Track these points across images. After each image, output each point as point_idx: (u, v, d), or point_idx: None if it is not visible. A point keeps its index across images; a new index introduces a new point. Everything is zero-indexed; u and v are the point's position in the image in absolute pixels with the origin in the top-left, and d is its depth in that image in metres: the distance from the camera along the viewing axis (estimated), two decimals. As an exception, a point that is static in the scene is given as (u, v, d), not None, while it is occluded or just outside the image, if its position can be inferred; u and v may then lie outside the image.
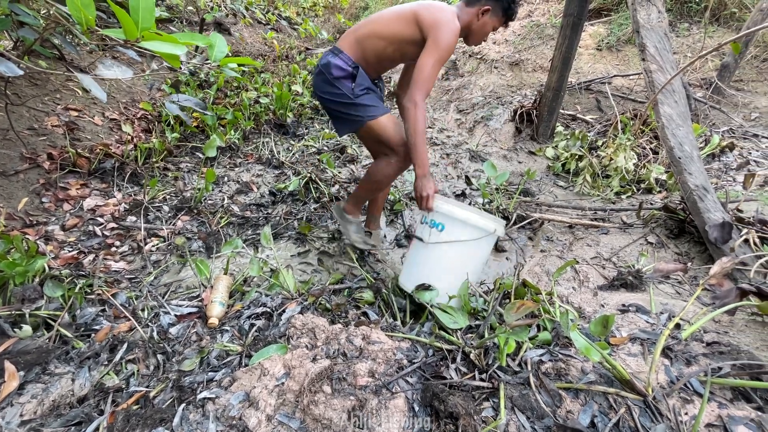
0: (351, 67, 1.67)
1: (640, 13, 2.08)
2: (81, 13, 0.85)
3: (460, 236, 1.42)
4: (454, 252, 1.46)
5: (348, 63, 1.67)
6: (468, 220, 1.41)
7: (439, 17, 1.51)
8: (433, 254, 1.50)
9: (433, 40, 1.49)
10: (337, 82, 1.67)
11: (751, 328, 1.24)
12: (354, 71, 1.67)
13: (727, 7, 4.03)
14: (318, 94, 1.76)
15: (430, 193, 1.52)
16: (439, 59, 1.49)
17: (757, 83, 3.68)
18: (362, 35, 1.66)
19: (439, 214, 1.47)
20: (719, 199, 1.86)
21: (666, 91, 1.93)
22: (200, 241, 2.17)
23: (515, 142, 3.32)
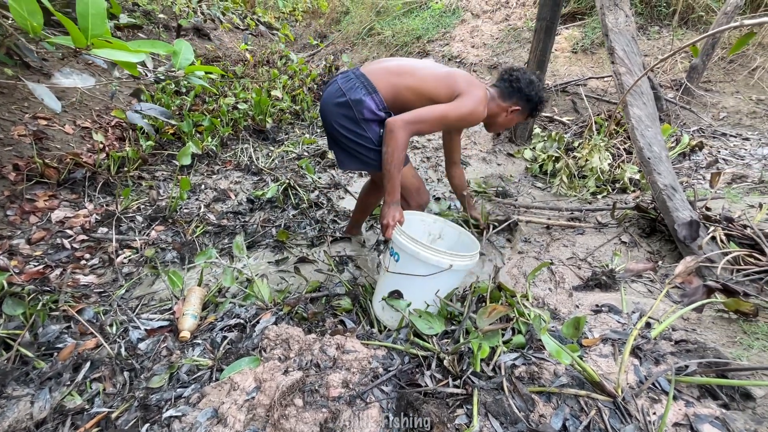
0: (383, 112, 1.56)
1: (608, 17, 2.12)
2: (27, 21, 0.81)
3: (412, 270, 1.38)
4: (407, 283, 1.42)
5: (380, 107, 1.55)
6: (417, 255, 1.34)
7: (474, 92, 1.52)
8: (389, 283, 1.48)
9: (456, 103, 1.49)
10: (365, 124, 1.56)
11: (718, 325, 1.26)
12: (386, 116, 1.57)
13: (695, 10, 4.16)
14: (333, 125, 1.60)
15: (391, 222, 1.48)
16: (447, 117, 1.48)
17: (724, 84, 3.81)
18: (403, 86, 1.55)
19: (395, 245, 1.44)
20: (688, 197, 1.91)
21: (635, 93, 1.97)
22: (175, 251, 2.12)
23: (494, 145, 3.35)
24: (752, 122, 3.46)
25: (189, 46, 1.28)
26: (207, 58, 5.44)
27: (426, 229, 1.76)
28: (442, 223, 1.73)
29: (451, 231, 1.71)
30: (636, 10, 4.31)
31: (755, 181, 2.42)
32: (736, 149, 3.12)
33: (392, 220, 1.49)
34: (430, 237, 1.77)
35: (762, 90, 3.74)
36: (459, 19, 4.95)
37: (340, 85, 1.56)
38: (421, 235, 1.74)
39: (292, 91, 4.46)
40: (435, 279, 1.38)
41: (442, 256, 1.34)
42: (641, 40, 4.21)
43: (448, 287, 1.45)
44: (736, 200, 2.10)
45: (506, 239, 2.22)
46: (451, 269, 1.35)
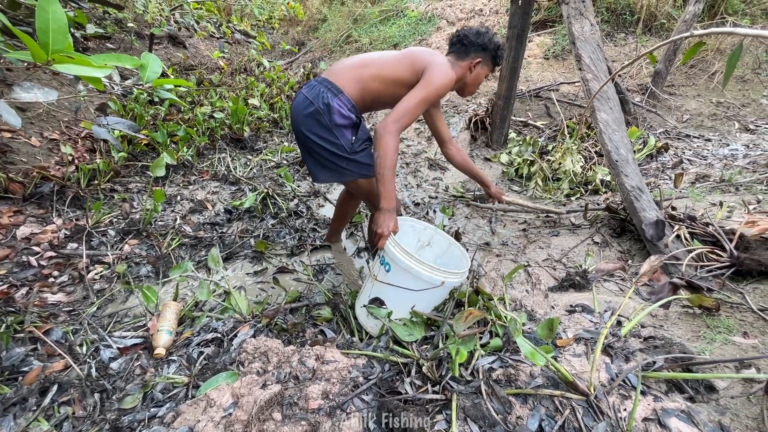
0: (354, 115, 1.55)
1: (574, 26, 2.20)
2: (-19, 37, 0.79)
3: (403, 282, 1.37)
4: (395, 294, 1.41)
5: (349, 106, 1.54)
6: (410, 270, 1.32)
7: (435, 60, 1.52)
8: (376, 292, 1.46)
9: (426, 79, 1.47)
10: (337, 130, 1.53)
11: (683, 320, 1.32)
12: (357, 120, 1.57)
13: (657, 18, 4.36)
14: (307, 135, 1.56)
15: (386, 231, 1.41)
16: (426, 97, 1.46)
17: (686, 88, 3.99)
18: (367, 76, 1.55)
19: (387, 255, 1.40)
20: (655, 197, 1.99)
21: (602, 98, 2.05)
22: (149, 265, 2.07)
23: (471, 150, 3.41)
24: (713, 124, 3.64)
25: (157, 58, 1.26)
26: (182, 66, 5.35)
27: (416, 236, 1.76)
28: (433, 231, 1.73)
29: (441, 240, 1.71)
30: (602, 18, 4.48)
31: (717, 180, 2.55)
32: (699, 150, 3.27)
33: (386, 230, 1.42)
34: (420, 243, 1.77)
35: (721, 93, 3.95)
36: (435, 27, 5.04)
37: (306, 95, 1.54)
38: (411, 241, 1.74)
39: (269, 99, 4.43)
40: (420, 296, 1.38)
41: (435, 273, 1.32)
42: (608, 46, 4.38)
43: (436, 301, 1.45)
44: (699, 199, 2.20)
45: (485, 243, 2.25)
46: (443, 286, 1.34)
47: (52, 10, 0.92)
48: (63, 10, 0.93)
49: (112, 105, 3.32)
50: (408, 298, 1.40)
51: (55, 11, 0.92)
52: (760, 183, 2.39)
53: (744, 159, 2.95)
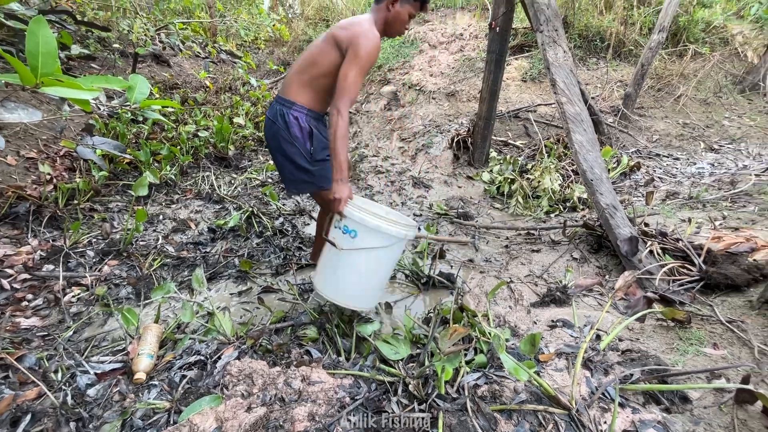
0: (309, 125, 1.63)
1: (548, 53, 2.33)
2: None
3: (371, 243, 1.43)
4: (365, 258, 1.47)
5: (307, 115, 1.63)
6: (379, 229, 1.40)
7: (355, 31, 1.54)
8: (346, 260, 1.50)
9: (353, 51, 1.52)
10: (297, 142, 1.63)
11: (658, 333, 1.37)
12: (312, 129, 1.64)
13: (625, 45, 4.64)
14: (273, 150, 1.70)
15: (344, 197, 1.48)
16: (360, 68, 1.51)
17: (655, 109, 4.22)
18: (310, 78, 1.62)
19: (352, 221, 1.46)
20: (628, 214, 2.08)
21: (576, 120, 2.16)
22: (130, 286, 2.02)
23: (454, 168, 3.50)
24: (681, 143, 3.84)
25: (144, 80, 1.28)
26: (166, 85, 5.35)
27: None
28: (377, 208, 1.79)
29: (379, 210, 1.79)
30: (575, 44, 4.73)
31: (685, 197, 2.68)
32: (669, 168, 3.45)
33: (342, 195, 1.48)
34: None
35: (687, 115, 4.19)
36: (417, 50, 5.21)
37: (269, 116, 1.67)
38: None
39: (255, 118, 4.45)
40: (390, 252, 1.47)
41: (399, 227, 1.42)
42: (581, 70, 4.61)
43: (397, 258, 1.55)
44: (670, 215, 2.31)
45: (469, 259, 2.29)
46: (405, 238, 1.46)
47: (42, 34, 0.93)
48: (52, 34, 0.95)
49: (95, 123, 3.28)
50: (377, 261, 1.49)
51: (45, 35, 0.94)
52: (725, 200, 2.53)
53: (710, 177, 3.12)
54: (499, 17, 2.79)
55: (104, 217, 2.55)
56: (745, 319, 1.35)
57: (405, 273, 2.10)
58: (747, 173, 2.96)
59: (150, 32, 3.89)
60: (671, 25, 4.39)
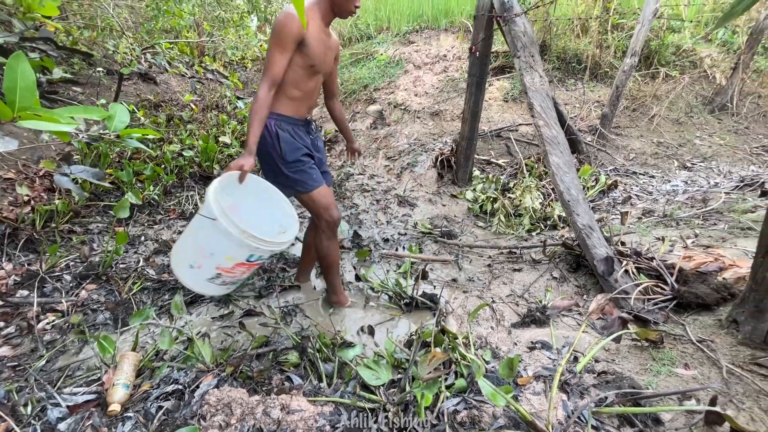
0: (276, 128, 1.65)
1: (526, 78, 2.42)
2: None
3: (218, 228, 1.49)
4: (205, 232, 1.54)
5: (273, 123, 1.65)
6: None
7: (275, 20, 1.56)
8: (193, 223, 1.62)
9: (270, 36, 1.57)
10: (268, 146, 1.66)
11: (633, 354, 1.40)
12: (278, 132, 1.65)
13: (601, 67, 4.84)
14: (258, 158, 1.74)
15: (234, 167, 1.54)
16: (272, 46, 1.53)
17: (631, 129, 4.39)
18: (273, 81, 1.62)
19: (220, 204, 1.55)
20: (606, 233, 2.14)
21: (553, 143, 2.23)
22: (107, 312, 1.98)
23: (439, 187, 3.56)
24: (656, 162, 3.99)
25: (125, 108, 1.29)
26: (152, 103, 5.34)
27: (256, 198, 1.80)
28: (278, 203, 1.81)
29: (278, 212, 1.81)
30: (554, 66, 4.91)
31: (660, 215, 2.77)
32: (645, 186, 3.56)
33: (235, 166, 1.54)
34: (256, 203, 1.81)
35: (660, 134, 4.36)
36: (402, 70, 5.33)
37: None
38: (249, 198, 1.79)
39: (241, 137, 4.46)
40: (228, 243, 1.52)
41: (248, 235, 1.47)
42: (561, 91, 4.78)
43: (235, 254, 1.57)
44: (645, 234, 2.38)
45: (452, 279, 2.31)
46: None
47: (21, 69, 0.94)
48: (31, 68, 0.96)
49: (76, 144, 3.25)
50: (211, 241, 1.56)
51: (24, 70, 0.95)
52: (697, 218, 2.62)
53: (683, 194, 3.24)
54: (479, 42, 2.90)
55: (83, 239, 2.51)
56: (714, 339, 1.39)
57: (388, 294, 2.11)
58: (717, 191, 3.08)
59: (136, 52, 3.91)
60: (643, 49, 4.61)
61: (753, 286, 1.31)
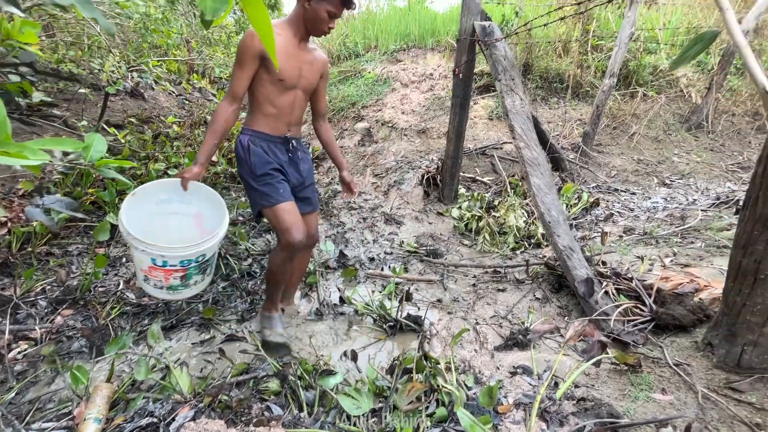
0: (249, 143, 1.67)
1: (507, 100, 2.48)
2: None
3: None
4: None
5: (246, 138, 1.67)
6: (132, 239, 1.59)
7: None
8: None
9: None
10: (241, 160, 1.70)
11: (612, 378, 1.41)
12: (250, 145, 1.66)
13: (582, 86, 4.98)
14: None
15: (185, 174, 1.64)
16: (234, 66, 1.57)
17: (612, 146, 4.50)
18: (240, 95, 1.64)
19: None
20: (587, 252, 2.17)
21: (533, 164, 2.27)
22: (83, 339, 1.92)
23: (425, 204, 3.58)
24: (636, 179, 4.09)
25: (102, 138, 1.28)
26: (139, 118, 5.31)
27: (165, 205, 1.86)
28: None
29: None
30: (537, 85, 5.05)
31: (641, 233, 2.83)
32: (627, 202, 3.64)
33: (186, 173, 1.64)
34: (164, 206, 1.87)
35: (640, 151, 4.48)
36: (390, 88, 5.41)
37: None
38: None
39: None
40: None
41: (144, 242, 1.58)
42: (544, 109, 4.89)
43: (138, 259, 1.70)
44: (625, 253, 2.43)
45: (437, 299, 2.31)
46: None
47: (-9, 104, 0.94)
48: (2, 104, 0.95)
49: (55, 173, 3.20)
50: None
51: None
52: (676, 236, 2.68)
53: (663, 212, 3.32)
54: (462, 65, 2.97)
55: (61, 262, 2.46)
56: (691, 362, 1.41)
57: (372, 317, 2.10)
58: (695, 209, 3.16)
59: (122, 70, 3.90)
60: (621, 69, 4.77)
61: (725, 310, 1.33)
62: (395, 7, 7.37)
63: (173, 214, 1.88)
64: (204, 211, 1.89)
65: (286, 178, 1.76)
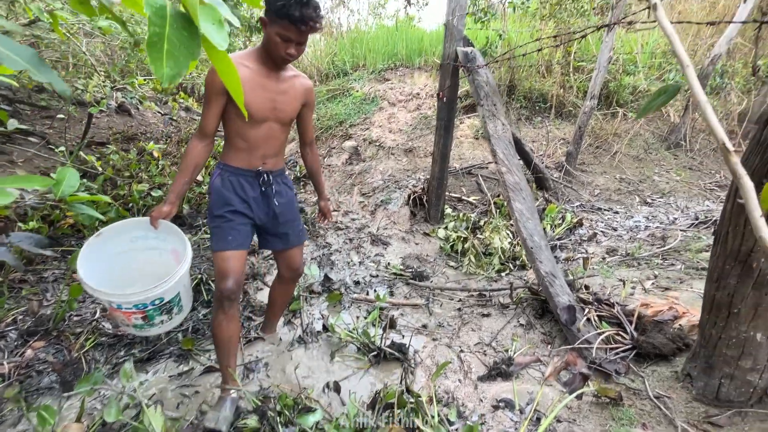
0: (217, 177, 1.61)
1: (489, 125, 2.52)
2: None
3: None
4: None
5: (215, 172, 1.62)
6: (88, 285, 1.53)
7: None
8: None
9: None
10: (209, 196, 1.67)
11: (593, 412, 1.41)
12: (218, 180, 1.60)
13: (565, 106, 5.10)
14: None
15: (154, 213, 1.59)
16: (203, 104, 1.53)
17: (594, 165, 4.59)
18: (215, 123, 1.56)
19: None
20: (570, 275, 2.18)
21: (515, 189, 2.30)
22: (55, 374, 1.85)
23: (412, 225, 3.58)
24: (619, 197, 4.16)
25: (75, 173, 1.26)
26: (124, 135, 5.25)
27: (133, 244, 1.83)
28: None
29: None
30: (521, 105, 5.15)
31: (623, 254, 2.87)
32: (610, 221, 3.70)
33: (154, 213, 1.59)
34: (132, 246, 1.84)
35: (622, 170, 4.58)
36: (377, 107, 5.47)
37: None
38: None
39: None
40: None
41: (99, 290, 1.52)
42: (528, 128, 4.99)
43: None
44: (608, 276, 2.45)
45: (422, 325, 2.29)
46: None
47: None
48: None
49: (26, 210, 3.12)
50: None
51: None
52: (657, 257, 2.72)
53: (645, 231, 3.37)
54: (446, 89, 3.02)
55: (35, 290, 2.38)
56: (671, 393, 1.41)
57: (356, 345, 2.06)
58: (675, 228, 3.22)
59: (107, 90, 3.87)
60: (602, 89, 4.90)
61: (702, 342, 1.35)
62: (383, 26, 7.51)
63: (153, 250, 1.85)
64: (179, 248, 1.84)
65: (251, 218, 1.65)
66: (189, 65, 0.56)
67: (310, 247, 3.35)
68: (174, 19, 0.57)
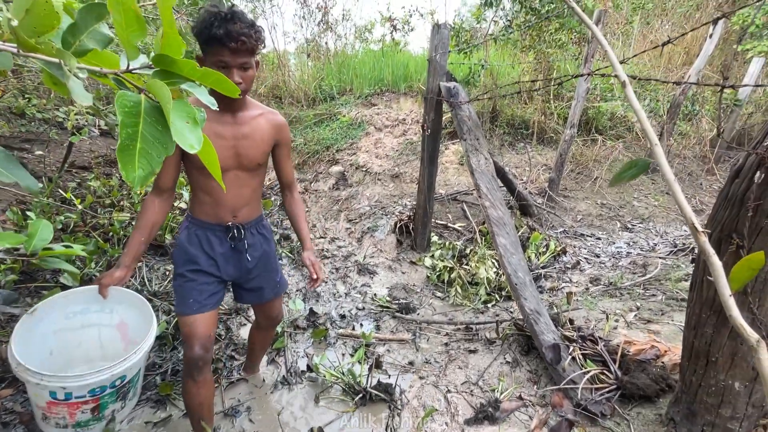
0: (184, 230, 1.48)
1: (472, 160, 2.56)
2: None
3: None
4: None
5: (182, 226, 1.49)
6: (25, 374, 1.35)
7: None
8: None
9: None
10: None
11: (580, 461, 1.39)
12: (184, 234, 1.47)
13: (547, 132, 5.25)
14: None
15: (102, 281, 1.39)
16: None
17: (576, 191, 4.71)
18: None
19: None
20: (555, 307, 2.19)
21: (499, 224, 2.33)
22: (22, 425, 1.75)
23: (398, 253, 3.58)
24: (601, 223, 4.26)
25: (48, 225, 1.23)
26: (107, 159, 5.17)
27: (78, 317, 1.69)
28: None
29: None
30: (505, 131, 5.28)
31: (606, 283, 2.91)
32: (593, 248, 3.76)
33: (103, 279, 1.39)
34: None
35: (603, 196, 4.70)
36: (364, 132, 5.53)
37: None
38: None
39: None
40: None
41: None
42: (511, 154, 5.10)
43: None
44: (592, 308, 2.47)
45: (409, 362, 2.26)
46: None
47: None
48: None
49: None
50: None
51: None
52: (638, 286, 2.77)
53: (626, 258, 3.44)
54: (429, 121, 3.08)
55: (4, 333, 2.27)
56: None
57: (341, 386, 2.02)
58: (655, 256, 3.30)
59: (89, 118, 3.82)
60: (582, 116, 5.07)
61: (683, 388, 1.36)
62: (370, 51, 7.67)
63: (90, 327, 1.69)
64: (128, 320, 1.69)
65: (217, 276, 1.51)
66: (161, 162, 0.55)
67: (296, 277, 3.31)
68: (148, 113, 0.57)
